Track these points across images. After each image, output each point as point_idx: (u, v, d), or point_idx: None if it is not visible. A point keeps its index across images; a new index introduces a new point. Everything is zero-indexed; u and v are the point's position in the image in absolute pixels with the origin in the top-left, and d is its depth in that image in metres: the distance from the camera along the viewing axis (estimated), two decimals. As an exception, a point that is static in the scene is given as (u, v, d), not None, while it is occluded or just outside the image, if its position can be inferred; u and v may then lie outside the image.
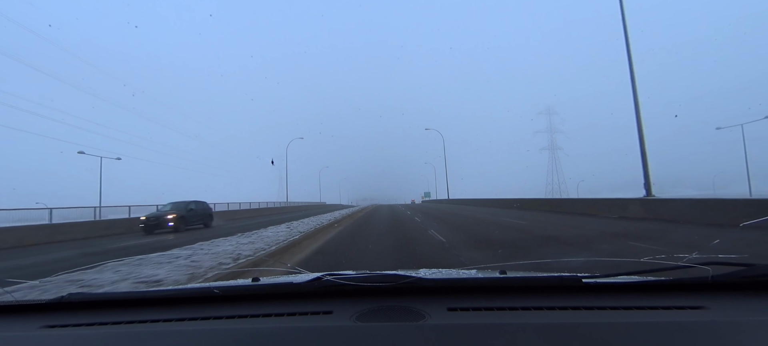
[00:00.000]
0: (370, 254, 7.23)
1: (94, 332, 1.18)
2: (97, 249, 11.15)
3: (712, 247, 6.62)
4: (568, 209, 19.07)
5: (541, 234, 9.33)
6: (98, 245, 12.61)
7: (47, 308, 1.37)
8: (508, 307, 1.17)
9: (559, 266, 5.11)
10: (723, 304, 1.13)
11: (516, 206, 23.96)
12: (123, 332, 1.16)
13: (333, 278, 1.30)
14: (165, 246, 8.64)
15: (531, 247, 7.32)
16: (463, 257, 6.43)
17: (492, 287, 1.35)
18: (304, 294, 1.37)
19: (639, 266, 1.66)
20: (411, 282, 1.27)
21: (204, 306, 1.33)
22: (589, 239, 8.08)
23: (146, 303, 1.40)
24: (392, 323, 1.09)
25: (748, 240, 7.07)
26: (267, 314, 1.21)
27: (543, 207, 22.23)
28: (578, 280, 1.28)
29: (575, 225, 11.28)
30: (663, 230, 9.40)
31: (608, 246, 7.03)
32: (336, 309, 1.20)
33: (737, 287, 1.23)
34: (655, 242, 7.38)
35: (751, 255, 5.75)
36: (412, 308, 1.17)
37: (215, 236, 10.20)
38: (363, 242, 9.21)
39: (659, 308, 1.12)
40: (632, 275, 1.35)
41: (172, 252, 6.82)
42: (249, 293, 1.44)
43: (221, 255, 6.36)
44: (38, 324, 1.23)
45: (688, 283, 1.25)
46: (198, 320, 1.20)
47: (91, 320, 1.26)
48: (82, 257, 9.32)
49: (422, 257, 6.82)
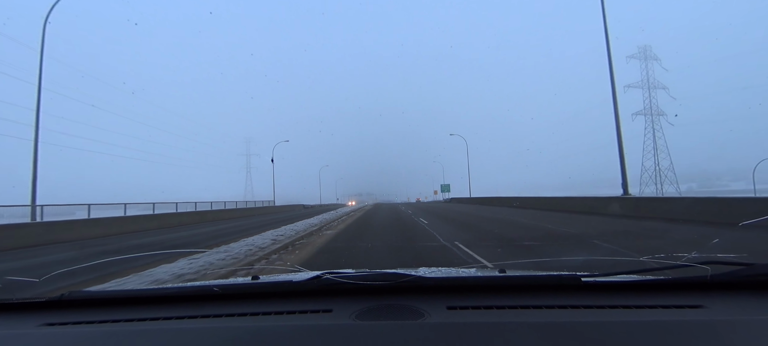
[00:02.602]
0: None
1: (94, 329, 1.18)
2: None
3: (712, 246, 6.63)
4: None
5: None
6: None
7: (47, 306, 1.37)
8: (508, 306, 1.17)
9: (558, 265, 5.12)
10: (722, 303, 1.13)
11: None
12: (123, 329, 1.17)
13: (333, 276, 1.30)
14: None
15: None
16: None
17: (491, 285, 1.35)
18: (304, 292, 1.37)
19: (638, 265, 1.67)
20: (410, 281, 1.27)
21: (204, 304, 1.33)
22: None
23: (146, 301, 1.40)
24: (392, 321, 1.09)
25: (745, 238, 7.08)
26: (267, 312, 1.21)
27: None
28: (577, 279, 1.29)
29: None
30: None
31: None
32: (336, 308, 1.20)
33: (736, 287, 1.23)
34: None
35: (749, 254, 5.76)
36: (411, 306, 1.17)
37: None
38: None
39: (658, 307, 1.12)
40: (631, 274, 1.35)
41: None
42: (249, 292, 1.44)
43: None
44: (38, 322, 1.23)
45: (687, 282, 1.25)
46: (198, 318, 1.20)
47: (91, 318, 1.26)
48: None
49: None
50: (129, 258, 6.91)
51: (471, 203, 37.62)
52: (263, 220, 22.47)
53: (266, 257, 6.68)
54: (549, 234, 9.06)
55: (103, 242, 12.22)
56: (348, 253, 7.57)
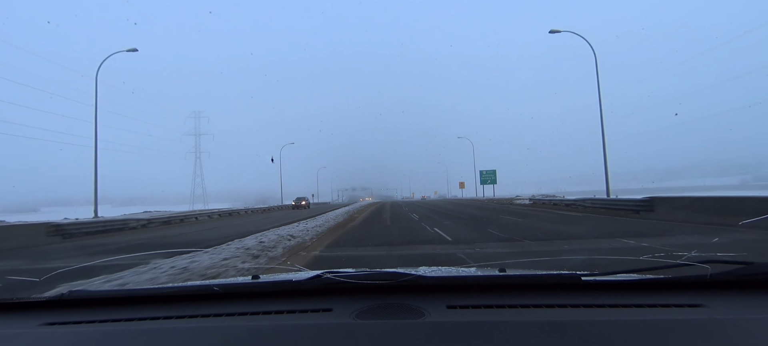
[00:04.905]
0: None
1: (94, 329, 1.18)
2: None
3: (712, 245, 6.64)
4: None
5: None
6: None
7: (47, 305, 1.37)
8: (508, 305, 1.17)
9: (558, 264, 5.12)
10: (721, 302, 1.13)
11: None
12: (123, 329, 1.17)
13: (333, 275, 1.30)
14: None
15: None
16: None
17: (491, 284, 1.35)
18: (304, 292, 1.37)
19: (638, 264, 1.67)
20: (410, 280, 1.27)
21: (204, 303, 1.33)
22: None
23: (146, 300, 1.40)
24: (392, 320, 1.09)
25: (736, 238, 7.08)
26: (267, 311, 1.21)
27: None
28: (577, 278, 1.29)
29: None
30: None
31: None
32: (336, 307, 1.20)
33: (736, 286, 1.23)
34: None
35: (749, 253, 5.76)
36: (411, 305, 1.17)
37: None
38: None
39: (658, 306, 1.12)
40: (631, 273, 1.35)
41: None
42: (249, 291, 1.44)
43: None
44: (38, 322, 1.23)
45: (687, 281, 1.25)
46: (198, 318, 1.20)
47: (91, 317, 1.26)
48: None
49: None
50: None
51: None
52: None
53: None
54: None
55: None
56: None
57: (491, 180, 51.89)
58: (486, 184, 51.88)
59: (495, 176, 52.04)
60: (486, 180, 51.97)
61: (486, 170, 52.54)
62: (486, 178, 51.98)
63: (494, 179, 51.94)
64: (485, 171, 52.48)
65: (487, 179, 51.90)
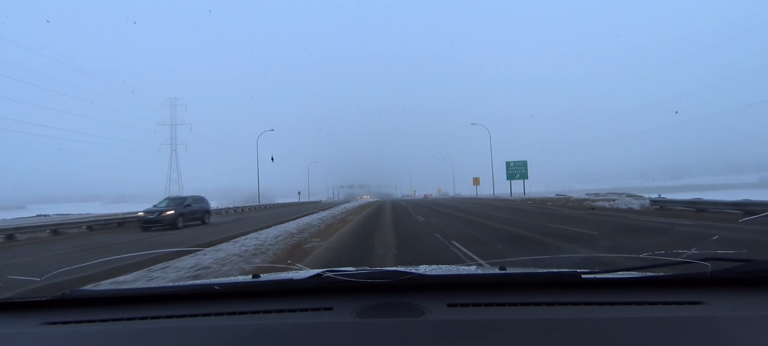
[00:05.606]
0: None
1: (94, 328, 1.18)
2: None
3: (712, 243, 6.64)
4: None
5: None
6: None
7: (47, 305, 1.37)
8: (508, 303, 1.17)
9: (558, 262, 5.12)
10: (722, 299, 1.13)
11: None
12: (123, 328, 1.17)
13: (333, 274, 1.30)
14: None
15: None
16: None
17: (492, 283, 1.35)
18: (304, 291, 1.37)
19: (638, 261, 1.67)
20: (411, 278, 1.27)
21: (204, 303, 1.33)
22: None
23: (146, 300, 1.40)
24: (392, 319, 1.09)
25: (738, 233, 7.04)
26: (267, 310, 1.21)
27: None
28: (577, 276, 1.29)
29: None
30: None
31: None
32: (336, 305, 1.20)
33: (736, 283, 1.23)
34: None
35: (749, 251, 5.76)
36: (412, 304, 1.17)
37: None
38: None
39: (658, 304, 1.12)
40: (631, 271, 1.35)
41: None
42: (249, 290, 1.44)
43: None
44: (39, 321, 1.23)
45: (687, 278, 1.25)
46: (198, 317, 1.20)
47: (91, 317, 1.26)
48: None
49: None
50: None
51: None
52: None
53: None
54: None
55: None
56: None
57: (521, 174, 41.49)
58: (514, 179, 41.66)
59: (526, 168, 41.28)
60: (514, 174, 41.58)
61: (514, 161, 42.00)
62: (514, 171, 41.66)
63: (525, 172, 41.35)
64: (513, 162, 42.00)
65: (516, 173, 41.49)
